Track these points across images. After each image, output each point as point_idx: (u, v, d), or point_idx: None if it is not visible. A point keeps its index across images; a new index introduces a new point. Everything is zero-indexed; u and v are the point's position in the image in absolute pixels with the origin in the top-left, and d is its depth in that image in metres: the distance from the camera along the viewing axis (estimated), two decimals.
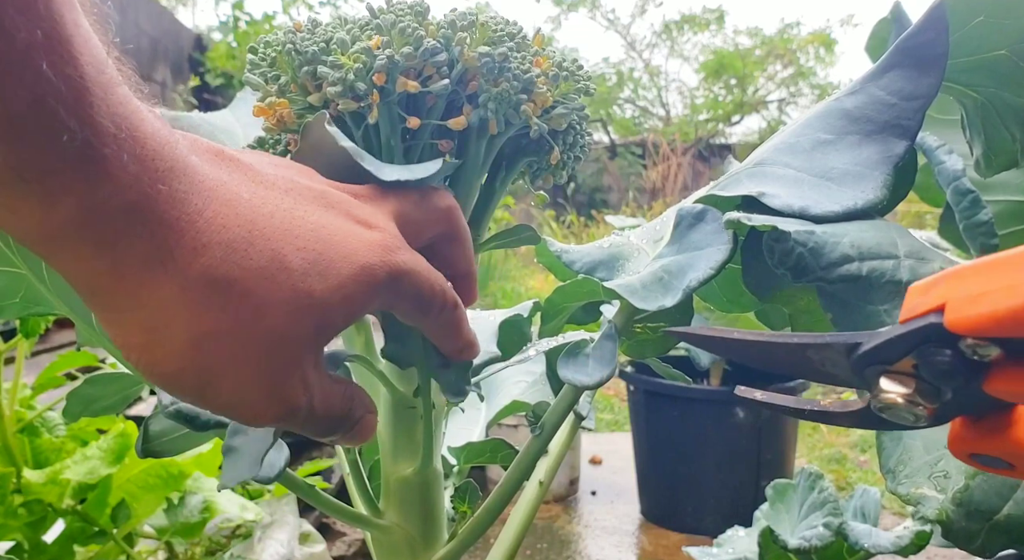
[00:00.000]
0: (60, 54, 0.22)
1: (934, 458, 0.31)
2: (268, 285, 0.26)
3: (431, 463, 0.44)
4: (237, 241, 0.26)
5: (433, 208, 0.34)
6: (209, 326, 0.25)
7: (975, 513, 0.30)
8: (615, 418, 3.11)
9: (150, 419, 0.45)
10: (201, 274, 0.25)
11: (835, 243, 0.33)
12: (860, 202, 0.35)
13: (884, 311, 0.32)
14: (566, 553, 2.00)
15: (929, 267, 0.33)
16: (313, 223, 0.28)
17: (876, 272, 0.32)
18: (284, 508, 1.32)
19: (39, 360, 1.71)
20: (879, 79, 0.38)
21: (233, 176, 0.27)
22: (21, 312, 0.46)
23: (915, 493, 0.31)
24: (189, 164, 0.25)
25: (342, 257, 0.28)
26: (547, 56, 0.39)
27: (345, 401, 0.31)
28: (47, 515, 0.98)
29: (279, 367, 0.27)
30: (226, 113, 0.59)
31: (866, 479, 2.47)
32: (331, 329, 0.28)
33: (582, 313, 0.55)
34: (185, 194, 0.25)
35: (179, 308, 0.25)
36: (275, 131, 0.40)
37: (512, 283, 4.38)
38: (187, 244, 0.25)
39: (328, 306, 0.27)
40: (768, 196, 0.36)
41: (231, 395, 0.27)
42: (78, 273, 0.25)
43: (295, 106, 0.38)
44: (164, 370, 0.26)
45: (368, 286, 0.28)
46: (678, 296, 0.34)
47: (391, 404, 0.43)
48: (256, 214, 0.26)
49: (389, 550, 0.45)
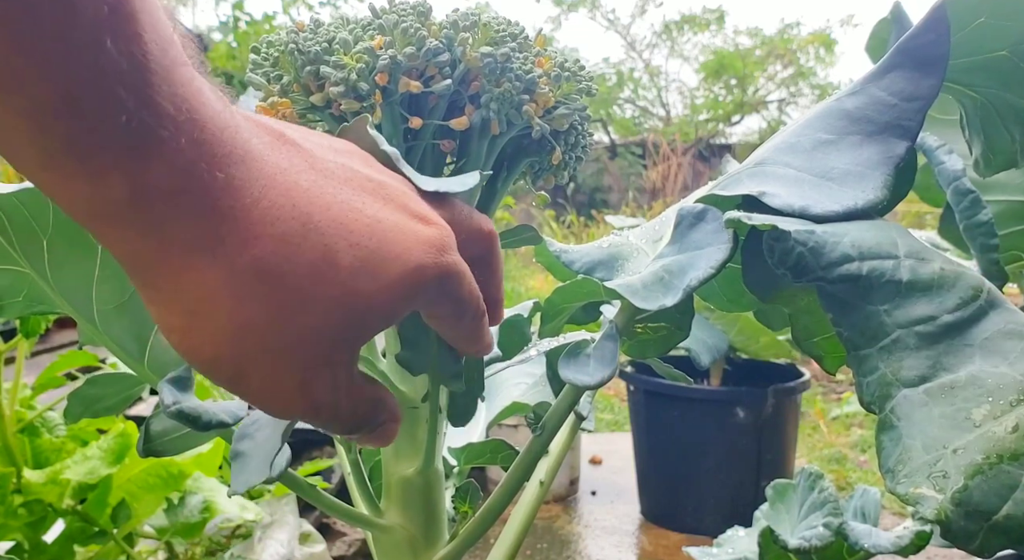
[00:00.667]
0: (125, 31, 0.21)
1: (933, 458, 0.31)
2: (315, 282, 0.26)
3: (433, 463, 0.44)
4: (290, 234, 0.25)
5: (477, 228, 0.33)
6: (250, 317, 0.25)
7: (974, 513, 0.30)
8: (615, 418, 3.11)
9: (151, 419, 0.45)
10: (249, 265, 0.25)
11: (835, 243, 0.33)
12: (861, 202, 0.35)
13: (883, 311, 0.32)
14: (566, 553, 2.00)
15: (929, 267, 0.33)
16: (369, 217, 0.27)
17: (876, 272, 0.32)
18: (284, 508, 1.32)
19: (39, 360, 1.71)
20: (880, 80, 0.38)
21: (293, 162, 0.26)
22: (24, 310, 0.46)
23: (914, 493, 0.31)
24: (250, 150, 0.25)
25: (395, 256, 0.27)
26: (549, 56, 0.39)
27: (372, 404, 0.31)
28: (47, 515, 0.98)
29: (312, 364, 0.27)
30: None
31: (866, 479, 2.47)
32: (371, 329, 0.28)
33: (582, 313, 0.55)
34: (242, 182, 0.25)
35: (223, 296, 0.25)
36: None
37: (512, 283, 4.38)
38: (239, 234, 0.24)
39: (373, 306, 0.27)
40: (769, 195, 0.36)
41: (262, 386, 0.27)
42: (124, 252, 0.25)
43: (297, 106, 0.38)
44: (202, 355, 0.26)
45: (416, 287, 0.28)
46: (679, 295, 0.34)
47: None
48: (313, 206, 0.26)
49: (390, 550, 0.45)
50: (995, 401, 0.30)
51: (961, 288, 0.33)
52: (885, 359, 0.32)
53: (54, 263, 0.42)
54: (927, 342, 0.32)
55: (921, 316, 0.32)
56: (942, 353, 0.32)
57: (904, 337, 0.32)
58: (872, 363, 0.32)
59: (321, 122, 0.40)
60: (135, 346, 0.44)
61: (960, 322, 0.32)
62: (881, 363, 0.32)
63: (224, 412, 0.40)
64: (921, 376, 0.32)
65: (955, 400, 0.31)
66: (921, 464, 0.31)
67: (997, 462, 0.29)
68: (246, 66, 0.40)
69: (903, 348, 0.32)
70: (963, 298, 0.33)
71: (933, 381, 0.32)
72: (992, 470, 0.29)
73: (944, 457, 0.31)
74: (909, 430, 0.31)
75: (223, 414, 0.40)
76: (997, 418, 0.30)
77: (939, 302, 0.33)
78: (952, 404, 0.31)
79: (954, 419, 0.30)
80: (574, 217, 6.22)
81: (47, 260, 0.42)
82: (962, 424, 0.30)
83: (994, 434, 0.29)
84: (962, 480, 0.30)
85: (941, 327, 0.32)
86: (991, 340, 0.32)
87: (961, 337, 0.32)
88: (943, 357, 0.32)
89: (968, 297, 0.33)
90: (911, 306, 0.32)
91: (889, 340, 0.32)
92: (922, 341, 0.32)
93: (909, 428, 0.31)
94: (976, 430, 0.30)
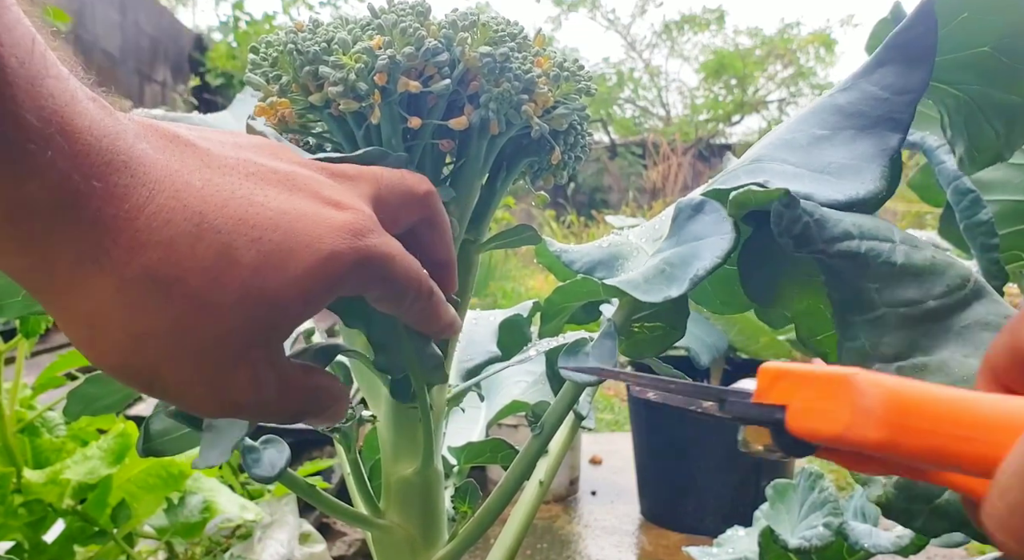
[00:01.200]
0: None
1: None
2: (213, 285, 0.25)
3: (432, 463, 0.44)
4: (182, 237, 0.24)
5: (410, 192, 0.32)
6: (147, 326, 0.25)
7: (916, 497, 0.32)
8: (615, 418, 3.11)
9: (151, 418, 0.45)
10: (139, 274, 0.24)
11: (838, 220, 0.34)
12: (862, 192, 0.36)
13: (875, 290, 0.34)
14: (566, 553, 2.00)
15: (921, 254, 0.34)
16: (273, 210, 0.26)
17: (874, 252, 0.34)
18: (284, 508, 1.32)
19: (39, 360, 1.71)
20: (871, 75, 0.38)
21: (186, 163, 0.26)
22: (23, 311, 0.46)
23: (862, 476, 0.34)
24: (134, 155, 0.24)
25: (304, 245, 0.26)
26: (548, 56, 0.39)
27: (307, 392, 0.30)
28: (47, 515, 0.98)
29: (223, 365, 0.26)
30: (226, 115, 0.59)
31: None
32: (287, 323, 0.27)
33: (582, 313, 0.55)
34: (125, 188, 0.24)
35: (116, 308, 0.24)
36: (276, 131, 0.40)
37: (512, 283, 4.38)
38: (124, 243, 0.24)
39: (283, 300, 0.26)
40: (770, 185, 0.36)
41: (177, 390, 0.26)
42: (12, 269, 0.24)
43: (296, 106, 0.38)
44: (110, 362, 0.26)
45: (332, 275, 0.27)
46: (684, 286, 0.34)
47: (392, 404, 0.43)
48: (207, 205, 0.25)
49: (390, 550, 0.45)
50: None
51: (950, 276, 0.34)
52: (867, 331, 0.34)
53: None
54: (910, 323, 0.33)
55: (910, 298, 0.34)
56: (920, 335, 0.33)
57: (889, 315, 0.34)
58: (855, 331, 0.34)
59: (320, 121, 0.40)
60: None
61: (943, 308, 0.34)
62: (863, 333, 0.34)
63: None
64: (896, 354, 0.33)
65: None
66: None
67: None
68: (246, 66, 0.40)
69: (885, 325, 0.33)
70: (950, 286, 0.34)
71: (906, 360, 0.33)
72: None
73: None
74: None
75: None
76: None
77: (927, 287, 0.34)
78: None
79: None
80: (574, 217, 6.22)
81: None
82: None
83: None
84: None
85: (924, 311, 0.34)
86: (968, 329, 0.33)
87: (941, 323, 0.34)
88: (921, 339, 0.33)
89: (955, 285, 0.34)
90: (902, 288, 0.34)
91: (874, 315, 0.34)
92: (905, 322, 0.33)
93: None
94: None
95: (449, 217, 0.35)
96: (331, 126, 0.39)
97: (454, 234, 0.41)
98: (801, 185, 0.36)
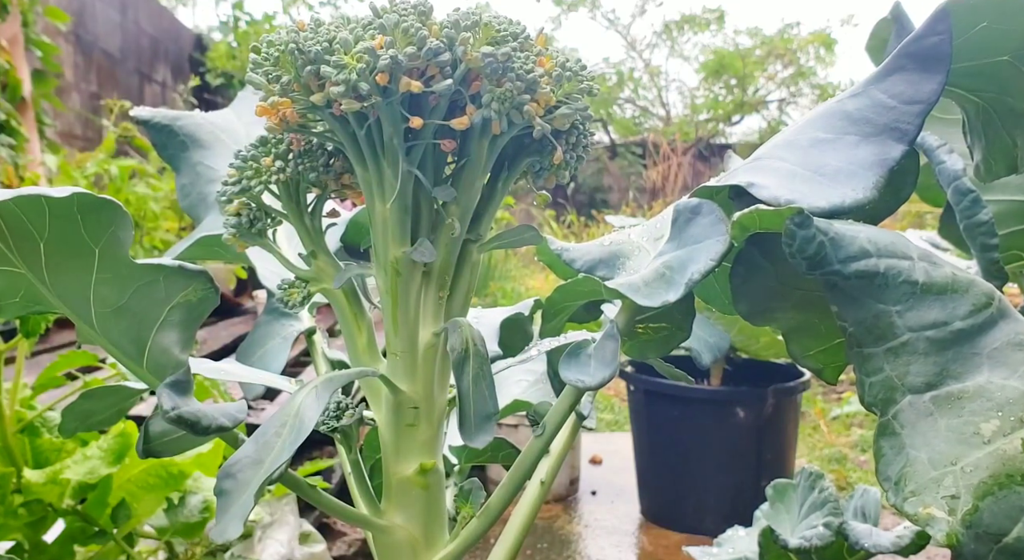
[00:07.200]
0: None
1: (940, 474, 0.30)
2: None
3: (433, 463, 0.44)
4: None
5: None
6: None
7: (984, 536, 0.29)
8: (615, 418, 3.11)
9: (150, 420, 0.45)
10: None
11: (853, 237, 0.32)
12: (848, 200, 0.34)
13: (895, 312, 0.31)
14: (566, 553, 2.00)
15: (942, 271, 0.32)
16: None
17: (894, 270, 0.32)
18: (284, 508, 1.32)
19: (39, 360, 1.71)
20: (882, 82, 0.38)
21: None
22: (21, 311, 0.46)
23: (923, 514, 0.30)
24: None
25: None
26: (550, 56, 0.39)
27: None
28: (47, 515, 0.98)
29: None
30: (228, 112, 0.59)
31: (866, 479, 2.47)
32: None
33: (583, 311, 0.55)
34: None
35: None
36: (278, 131, 0.40)
37: (512, 283, 4.38)
38: None
39: None
40: (757, 187, 0.35)
41: None
42: None
43: (298, 106, 0.38)
44: None
45: None
46: (680, 290, 0.34)
47: (392, 404, 0.43)
48: None
49: (390, 550, 0.45)
50: (1004, 416, 0.29)
51: (973, 295, 0.32)
52: (891, 361, 0.31)
53: (51, 266, 0.41)
54: (937, 348, 0.31)
55: (935, 321, 0.31)
56: (950, 360, 0.31)
57: (914, 341, 0.31)
58: (877, 363, 0.32)
59: (322, 121, 0.40)
60: (133, 348, 0.44)
61: (971, 329, 0.32)
62: (887, 365, 0.31)
63: (224, 415, 0.40)
64: (927, 383, 0.31)
65: (962, 412, 0.30)
66: (928, 481, 0.30)
67: (1008, 482, 0.28)
68: (246, 66, 0.40)
69: (911, 352, 0.31)
70: (975, 305, 0.32)
71: (940, 389, 0.31)
72: (1002, 491, 0.28)
73: (952, 474, 0.30)
74: (913, 441, 0.30)
75: (223, 418, 0.40)
76: (1007, 435, 0.29)
77: (952, 307, 0.32)
78: (959, 416, 0.30)
79: (962, 433, 0.29)
80: (574, 217, 6.22)
81: (44, 263, 0.41)
82: (971, 439, 0.29)
83: (1004, 452, 0.29)
84: (972, 501, 0.29)
85: (952, 333, 0.31)
86: (1000, 350, 0.31)
87: (970, 345, 0.31)
88: (951, 364, 0.31)
89: (980, 304, 0.32)
90: (925, 309, 0.32)
91: (898, 342, 0.31)
92: (932, 346, 0.31)
93: (913, 439, 0.30)
94: (986, 447, 0.29)
95: (450, 217, 0.35)
96: (333, 126, 0.39)
97: (455, 234, 0.41)
98: (791, 185, 0.35)
